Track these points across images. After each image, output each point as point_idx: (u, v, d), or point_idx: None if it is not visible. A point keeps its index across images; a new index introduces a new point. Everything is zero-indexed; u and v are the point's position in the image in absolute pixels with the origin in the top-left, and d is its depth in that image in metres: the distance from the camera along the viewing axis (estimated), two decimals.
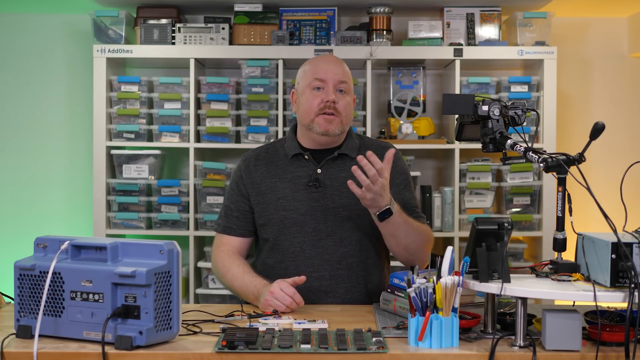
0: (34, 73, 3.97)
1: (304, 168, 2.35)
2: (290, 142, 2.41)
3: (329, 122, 2.31)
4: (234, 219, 2.39)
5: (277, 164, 2.39)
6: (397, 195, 2.33)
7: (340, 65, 2.39)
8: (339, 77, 2.34)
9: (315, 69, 2.37)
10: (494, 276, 1.74)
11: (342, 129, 2.34)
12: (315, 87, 2.34)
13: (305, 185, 2.33)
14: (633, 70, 3.98)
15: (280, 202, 2.33)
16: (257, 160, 2.42)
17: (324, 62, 2.39)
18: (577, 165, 1.81)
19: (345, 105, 2.34)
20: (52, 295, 1.76)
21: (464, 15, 3.64)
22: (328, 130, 2.31)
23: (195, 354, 1.68)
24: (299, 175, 2.34)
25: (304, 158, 2.37)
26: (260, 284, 2.20)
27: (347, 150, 2.37)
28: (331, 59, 2.41)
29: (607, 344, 1.70)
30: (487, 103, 1.97)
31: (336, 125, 2.32)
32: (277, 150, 2.43)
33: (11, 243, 3.87)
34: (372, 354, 1.66)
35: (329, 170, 2.35)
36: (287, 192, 2.33)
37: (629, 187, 1.93)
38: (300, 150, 2.38)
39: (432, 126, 3.68)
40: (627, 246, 1.66)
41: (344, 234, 2.31)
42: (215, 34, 3.58)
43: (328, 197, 2.31)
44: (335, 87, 2.33)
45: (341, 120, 2.33)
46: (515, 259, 3.61)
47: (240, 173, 2.42)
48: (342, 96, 2.34)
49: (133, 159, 3.62)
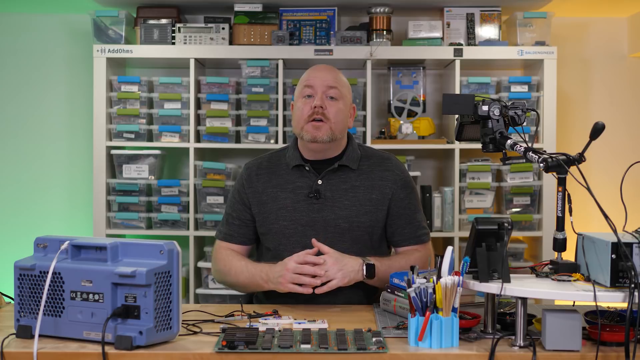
0: (34, 73, 3.97)
1: (305, 179, 2.35)
2: (291, 152, 2.41)
3: (316, 128, 2.29)
4: (235, 227, 2.40)
5: (279, 173, 2.39)
6: (402, 211, 2.34)
7: (332, 72, 2.37)
8: (327, 83, 2.32)
9: (306, 77, 2.38)
10: (494, 276, 1.74)
11: (331, 136, 2.31)
12: (305, 95, 2.34)
13: (305, 196, 2.32)
14: (633, 70, 3.98)
15: (281, 212, 2.33)
16: (259, 169, 2.42)
17: (314, 70, 2.39)
18: (577, 165, 1.81)
19: (335, 111, 2.31)
20: (52, 295, 1.76)
21: (464, 15, 3.64)
22: (316, 136, 2.29)
23: (195, 354, 1.68)
24: (300, 185, 2.34)
25: (304, 169, 2.37)
26: (265, 267, 2.21)
27: (348, 162, 2.37)
28: (323, 67, 2.40)
29: (607, 344, 1.70)
30: (487, 103, 1.97)
31: (324, 132, 2.29)
32: (279, 160, 2.43)
33: (11, 243, 3.87)
34: (372, 354, 1.66)
35: (329, 182, 2.34)
36: (288, 202, 2.33)
37: (629, 187, 1.93)
38: (301, 161, 2.37)
39: (432, 126, 3.68)
40: (627, 246, 1.66)
41: (343, 245, 2.29)
42: (215, 34, 3.58)
43: (328, 209, 2.31)
44: (324, 92, 2.32)
45: (330, 126, 2.30)
46: (515, 259, 3.61)
47: (243, 182, 2.42)
48: (331, 102, 2.32)
49: (133, 159, 3.62)
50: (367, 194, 2.34)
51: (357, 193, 2.33)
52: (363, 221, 2.31)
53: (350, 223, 2.29)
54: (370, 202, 2.34)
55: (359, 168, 2.38)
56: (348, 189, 2.34)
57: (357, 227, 2.30)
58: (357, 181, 2.33)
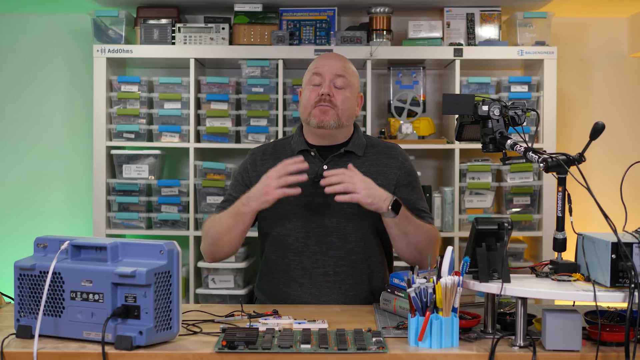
0: (34, 73, 3.97)
1: (311, 164, 2.34)
2: (297, 138, 2.42)
3: (323, 112, 2.30)
4: None
5: (284, 159, 2.38)
6: (406, 196, 2.34)
7: (340, 60, 2.38)
8: (335, 71, 2.33)
9: (314, 64, 2.39)
10: (494, 276, 1.74)
11: (338, 122, 2.32)
12: (313, 83, 2.34)
13: (311, 181, 2.32)
14: (633, 70, 3.98)
15: (285, 197, 2.32)
16: (264, 155, 2.43)
17: (323, 58, 2.40)
18: (577, 165, 1.81)
19: (342, 99, 2.32)
20: (52, 295, 1.76)
21: (464, 15, 3.64)
22: (323, 120, 2.30)
23: (195, 354, 1.68)
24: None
25: (310, 154, 2.37)
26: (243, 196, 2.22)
27: (354, 148, 2.37)
28: (332, 55, 2.42)
29: (607, 344, 1.70)
30: (487, 103, 1.97)
31: (331, 117, 2.30)
32: (284, 147, 2.44)
33: (11, 243, 3.87)
34: (372, 354, 1.66)
35: (335, 167, 2.34)
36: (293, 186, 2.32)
37: (629, 187, 1.93)
38: (306, 146, 2.38)
39: (432, 126, 3.68)
40: (627, 246, 1.66)
41: (348, 230, 2.31)
42: (215, 34, 3.58)
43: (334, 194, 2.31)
44: (331, 80, 2.32)
45: (337, 113, 2.31)
46: (515, 259, 3.61)
47: (247, 165, 2.43)
48: (339, 91, 2.33)
49: (133, 159, 3.62)
50: (372, 180, 2.34)
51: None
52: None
53: (355, 208, 2.28)
54: None
55: (364, 155, 2.38)
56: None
57: (362, 212, 2.29)
58: (362, 167, 2.33)
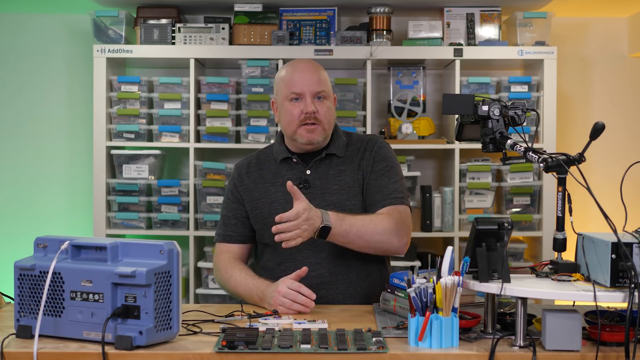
0: (34, 73, 3.97)
1: (294, 170, 2.37)
2: (278, 147, 2.44)
3: (311, 132, 2.33)
4: (232, 227, 2.41)
5: (269, 169, 2.42)
6: (374, 182, 2.34)
7: (315, 72, 2.36)
8: (314, 88, 2.33)
9: (290, 82, 2.35)
10: (494, 276, 1.74)
11: (325, 135, 2.36)
12: (292, 97, 2.34)
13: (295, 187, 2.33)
14: (633, 70, 3.98)
15: (273, 206, 2.34)
16: (248, 168, 2.45)
17: (298, 72, 2.36)
18: (577, 165, 1.81)
19: (325, 111, 2.34)
20: (52, 295, 1.76)
21: (464, 15, 3.64)
22: (311, 140, 2.33)
23: (195, 354, 1.68)
24: (289, 178, 2.35)
25: (292, 161, 2.38)
26: (262, 285, 2.20)
27: (335, 150, 2.40)
28: (304, 67, 2.38)
29: (607, 344, 1.70)
30: (487, 103, 1.96)
31: (319, 134, 2.34)
32: (267, 156, 2.46)
33: (11, 243, 3.87)
34: (372, 354, 1.66)
35: (317, 171, 2.37)
36: (280, 195, 2.34)
37: (629, 187, 1.93)
38: (288, 154, 2.40)
39: (432, 126, 3.68)
40: (627, 246, 1.66)
41: None
42: (215, 34, 3.58)
43: (319, 197, 2.32)
44: (313, 97, 2.33)
45: (323, 127, 2.34)
46: (515, 259, 3.61)
47: (234, 181, 2.45)
48: (321, 103, 2.34)
49: (133, 159, 3.62)
50: (353, 176, 2.36)
51: (344, 176, 2.36)
52: (354, 203, 2.33)
53: (342, 207, 2.29)
54: (357, 183, 2.36)
55: (345, 155, 2.40)
56: (335, 174, 2.36)
57: (349, 211, 2.29)
58: (343, 165, 2.36)
